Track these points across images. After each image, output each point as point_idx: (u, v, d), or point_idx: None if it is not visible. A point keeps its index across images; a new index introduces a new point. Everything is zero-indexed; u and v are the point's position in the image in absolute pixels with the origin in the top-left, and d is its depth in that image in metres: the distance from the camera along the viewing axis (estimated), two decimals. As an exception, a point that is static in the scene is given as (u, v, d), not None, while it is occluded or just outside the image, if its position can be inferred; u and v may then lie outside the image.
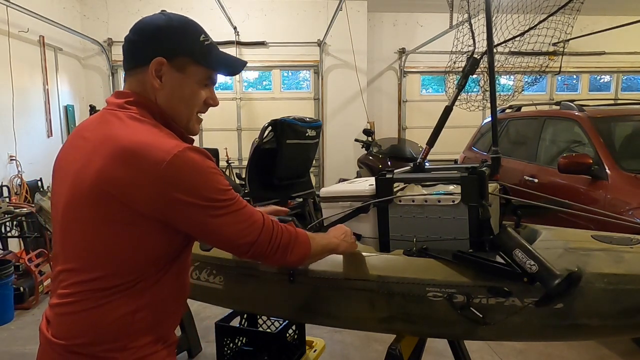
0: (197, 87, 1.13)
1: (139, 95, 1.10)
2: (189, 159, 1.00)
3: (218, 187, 1.04)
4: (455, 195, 1.53)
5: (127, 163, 0.98)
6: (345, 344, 3.25)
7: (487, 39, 1.86)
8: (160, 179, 0.97)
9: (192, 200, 1.01)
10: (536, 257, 1.29)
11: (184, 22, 1.12)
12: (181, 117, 1.13)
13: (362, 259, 1.56)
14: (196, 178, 1.01)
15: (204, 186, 1.02)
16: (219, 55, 1.16)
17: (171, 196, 0.99)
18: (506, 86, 7.48)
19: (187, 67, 1.10)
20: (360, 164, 6.70)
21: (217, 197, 1.04)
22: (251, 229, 1.10)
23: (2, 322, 3.70)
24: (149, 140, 1.00)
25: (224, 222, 1.06)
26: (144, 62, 1.08)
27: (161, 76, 1.09)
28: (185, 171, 1.00)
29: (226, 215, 1.06)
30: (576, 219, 2.69)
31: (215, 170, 1.06)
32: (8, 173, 5.17)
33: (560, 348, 3.12)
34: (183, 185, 0.99)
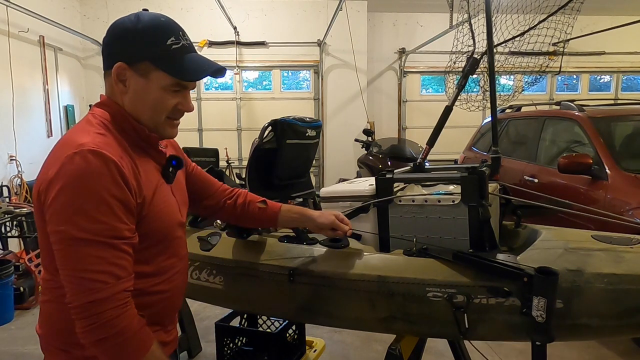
0: (162, 93, 1.09)
1: (107, 98, 1.12)
2: (81, 164, 0.95)
3: (88, 211, 0.94)
4: (455, 195, 1.53)
5: (48, 157, 1.03)
6: (345, 344, 3.25)
7: (487, 39, 1.86)
8: (51, 174, 0.97)
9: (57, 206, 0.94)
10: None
11: (153, 24, 1.08)
12: (147, 122, 1.11)
13: (362, 259, 1.56)
14: (73, 187, 0.94)
15: (75, 199, 0.94)
16: (185, 61, 1.09)
17: (50, 195, 0.96)
18: (506, 86, 7.51)
19: (149, 73, 1.07)
20: (360, 164, 6.70)
21: (79, 218, 0.93)
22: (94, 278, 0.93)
23: (2, 322, 3.70)
24: (69, 137, 1.03)
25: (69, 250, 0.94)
26: (110, 67, 1.08)
27: (125, 80, 1.08)
28: (68, 174, 0.95)
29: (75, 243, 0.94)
30: (576, 219, 2.69)
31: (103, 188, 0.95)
32: (8, 173, 5.17)
33: (560, 348, 3.12)
34: (60, 187, 0.94)
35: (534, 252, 1.44)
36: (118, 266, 0.97)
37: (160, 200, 1.11)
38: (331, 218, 1.49)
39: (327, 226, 1.48)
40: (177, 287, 1.20)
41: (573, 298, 1.29)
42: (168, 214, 1.15)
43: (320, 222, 1.48)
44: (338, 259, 1.58)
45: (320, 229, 1.50)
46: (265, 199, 1.53)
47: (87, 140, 0.99)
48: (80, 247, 0.94)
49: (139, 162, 1.08)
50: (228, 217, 1.54)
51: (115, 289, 0.95)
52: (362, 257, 1.56)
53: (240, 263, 1.71)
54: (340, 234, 1.51)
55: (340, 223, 1.49)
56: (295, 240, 1.72)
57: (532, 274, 1.27)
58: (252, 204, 1.50)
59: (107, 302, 0.94)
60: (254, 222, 1.56)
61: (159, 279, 1.13)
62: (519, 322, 1.33)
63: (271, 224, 1.55)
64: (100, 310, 0.94)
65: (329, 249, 1.62)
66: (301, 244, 1.69)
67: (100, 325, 0.94)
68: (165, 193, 1.15)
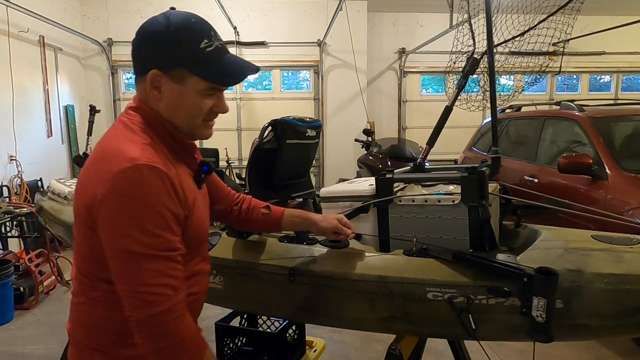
0: (198, 98, 1.07)
1: (141, 102, 1.10)
2: (136, 179, 0.95)
3: (146, 226, 0.95)
4: (455, 195, 1.53)
5: (92, 167, 1.02)
6: (345, 344, 3.25)
7: (487, 39, 1.85)
8: (101, 187, 0.96)
9: (113, 221, 0.96)
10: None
11: (184, 27, 1.05)
12: (183, 126, 1.10)
13: (362, 259, 1.56)
14: (129, 202, 0.95)
15: (133, 214, 0.95)
16: (219, 64, 1.07)
17: (102, 207, 0.96)
18: (506, 86, 7.51)
19: (185, 79, 1.05)
20: (360, 164, 6.70)
21: (138, 233, 0.95)
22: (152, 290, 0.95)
23: (2, 322, 3.70)
24: (117, 148, 1.00)
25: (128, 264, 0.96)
26: (144, 73, 1.06)
27: (160, 87, 1.06)
28: (123, 189, 0.95)
29: (134, 257, 0.95)
30: (576, 219, 2.69)
31: (160, 205, 0.97)
32: (8, 173, 5.17)
33: (560, 348, 3.12)
34: (114, 202, 0.95)
35: (534, 252, 1.44)
36: (174, 277, 0.99)
37: (197, 208, 1.13)
38: (334, 222, 1.48)
39: (329, 230, 1.48)
40: (204, 288, 1.24)
41: (573, 298, 1.29)
42: (203, 220, 1.18)
43: (322, 226, 1.48)
44: (338, 259, 1.58)
45: (323, 232, 1.50)
46: (269, 204, 1.53)
47: (138, 153, 0.98)
48: (139, 262, 0.95)
49: (178, 170, 1.09)
50: (233, 222, 1.54)
51: (174, 301, 0.98)
52: (362, 257, 1.56)
53: (240, 263, 1.71)
54: (343, 237, 1.51)
55: (342, 227, 1.49)
56: (295, 240, 1.72)
57: (532, 274, 1.27)
58: (256, 209, 1.50)
59: (167, 314, 0.97)
60: (257, 227, 1.56)
61: (191, 282, 1.15)
62: (519, 322, 1.33)
63: (275, 228, 1.55)
64: (162, 322, 0.96)
65: (329, 249, 1.62)
66: (301, 244, 1.69)
67: (162, 336, 0.97)
68: (199, 199, 1.16)
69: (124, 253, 0.95)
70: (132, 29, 1.14)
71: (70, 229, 2.52)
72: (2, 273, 3.69)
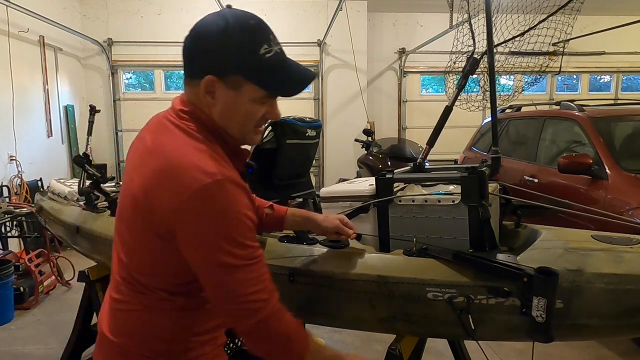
0: (253, 105, 1.04)
1: (193, 105, 1.06)
2: (220, 194, 0.95)
3: (236, 238, 0.96)
4: (455, 195, 1.53)
5: (164, 180, 0.97)
6: (345, 344, 3.25)
7: (487, 39, 1.85)
8: (183, 203, 0.94)
9: (203, 238, 0.96)
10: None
11: (243, 30, 0.99)
12: (235, 133, 1.07)
13: (362, 259, 1.56)
14: (217, 218, 0.95)
15: (221, 230, 0.95)
16: (278, 72, 1.03)
17: (186, 224, 0.95)
18: (506, 86, 7.51)
19: (240, 86, 1.01)
20: (360, 164, 6.70)
21: (229, 247, 0.96)
22: (250, 299, 0.98)
23: (2, 322, 3.70)
24: (189, 162, 0.97)
25: (223, 276, 0.97)
26: (198, 77, 1.02)
27: (214, 92, 1.02)
28: (209, 206, 0.94)
29: (229, 270, 0.96)
30: (576, 219, 2.70)
31: (244, 217, 0.98)
32: (8, 173, 5.17)
33: (560, 348, 3.12)
34: (201, 219, 0.95)
35: (534, 252, 1.43)
36: (267, 281, 1.02)
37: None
38: (336, 222, 1.48)
39: (331, 230, 1.48)
40: None
41: (573, 298, 1.29)
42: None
43: (324, 226, 1.47)
44: (338, 259, 1.58)
45: (325, 232, 1.50)
46: (272, 203, 1.53)
47: (215, 168, 0.97)
48: (234, 275, 0.96)
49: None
50: None
51: (273, 303, 1.01)
52: (362, 257, 1.56)
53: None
54: (345, 238, 1.51)
55: (344, 227, 1.48)
56: (295, 240, 1.72)
57: (532, 274, 1.27)
58: (260, 209, 1.49)
59: (271, 317, 1.00)
60: (261, 227, 1.55)
61: None
62: (519, 322, 1.33)
63: (278, 228, 1.54)
64: (268, 326, 0.99)
65: (329, 249, 1.62)
66: (301, 244, 1.69)
67: (270, 338, 1.01)
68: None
69: (217, 268, 0.96)
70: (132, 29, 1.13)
71: (69, 229, 2.52)
72: (2, 273, 3.69)
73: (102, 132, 7.39)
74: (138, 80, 8.10)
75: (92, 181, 2.55)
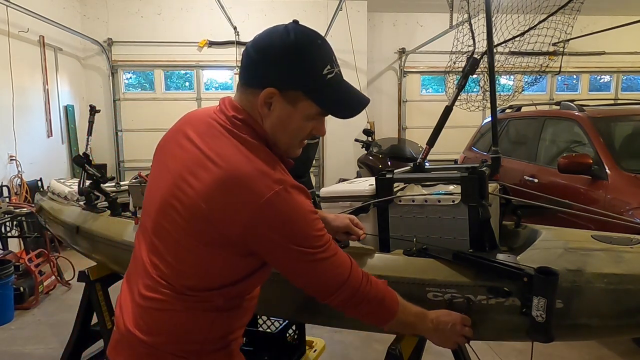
0: (304, 121, 1.07)
1: (248, 114, 1.07)
2: (290, 199, 1.00)
3: (312, 234, 1.04)
4: (455, 195, 1.53)
5: (229, 189, 0.98)
6: (345, 344, 3.25)
7: (487, 39, 1.85)
8: (256, 212, 0.97)
9: (283, 241, 1.01)
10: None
11: (309, 49, 1.02)
12: (282, 144, 1.10)
13: (362, 259, 1.56)
14: (292, 221, 1.01)
15: (298, 231, 1.02)
16: (337, 94, 1.07)
17: (263, 232, 1.00)
18: (506, 86, 7.52)
19: (298, 102, 1.04)
20: (360, 164, 6.70)
21: (309, 243, 1.04)
22: (337, 279, 1.10)
23: (2, 322, 3.70)
24: (254, 171, 0.99)
25: (309, 268, 1.07)
26: (257, 86, 1.04)
27: (271, 104, 1.04)
28: (283, 211, 0.99)
29: (314, 262, 1.06)
30: (576, 219, 2.69)
31: (313, 213, 1.05)
32: (8, 173, 5.17)
33: (560, 348, 3.12)
34: (277, 225, 0.99)
35: (534, 252, 1.43)
36: (346, 256, 1.13)
37: None
38: (346, 221, 1.48)
39: (341, 229, 1.48)
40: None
41: (573, 298, 1.29)
42: None
43: (335, 225, 1.47)
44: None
45: (335, 232, 1.48)
46: None
47: (279, 174, 1.02)
48: (323, 265, 1.07)
49: None
50: None
51: (357, 272, 1.13)
52: (362, 257, 1.56)
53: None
54: (354, 238, 1.50)
55: (354, 227, 1.49)
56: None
57: (532, 274, 1.27)
58: None
59: (363, 286, 1.13)
60: None
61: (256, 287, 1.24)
62: (519, 322, 1.33)
63: None
64: (363, 292, 1.13)
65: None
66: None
67: (369, 301, 1.15)
68: None
69: (307, 266, 1.06)
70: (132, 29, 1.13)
71: (69, 229, 2.52)
72: (2, 273, 3.69)
73: (102, 132, 7.39)
74: (138, 80, 8.10)
75: (92, 181, 2.55)
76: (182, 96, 7.82)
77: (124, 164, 7.73)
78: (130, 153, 7.71)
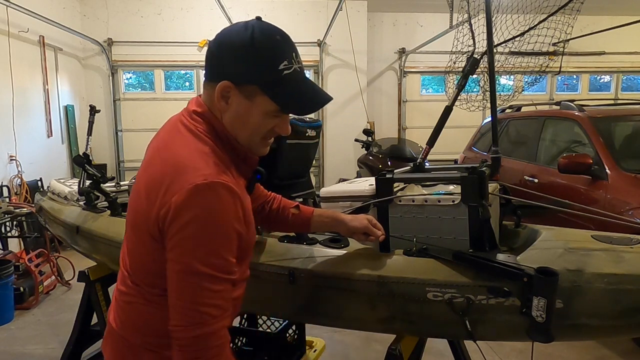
0: (263, 117, 1.05)
1: (207, 108, 1.08)
2: (211, 195, 0.95)
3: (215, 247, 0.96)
4: (455, 195, 1.53)
5: (165, 179, 0.98)
6: (345, 344, 3.25)
7: (487, 39, 1.85)
8: (174, 201, 0.95)
9: (183, 236, 0.95)
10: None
11: (268, 44, 1.01)
12: (243, 141, 1.09)
13: (362, 259, 1.56)
14: (202, 219, 0.94)
15: (204, 233, 0.94)
16: (294, 90, 1.04)
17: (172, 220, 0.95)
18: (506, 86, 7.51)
19: (255, 96, 1.03)
20: (360, 164, 6.70)
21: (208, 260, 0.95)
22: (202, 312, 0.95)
23: (2, 322, 3.71)
24: (189, 162, 0.98)
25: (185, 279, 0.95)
26: (215, 80, 1.04)
27: (228, 98, 1.04)
28: (197, 205, 0.94)
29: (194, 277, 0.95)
30: (576, 219, 2.69)
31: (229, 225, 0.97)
32: (8, 173, 5.17)
33: (560, 348, 3.12)
34: (186, 216, 0.94)
35: (534, 252, 1.43)
36: (226, 300, 1.00)
37: (251, 220, 1.12)
38: (364, 222, 1.44)
39: (360, 230, 1.44)
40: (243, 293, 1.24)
41: (573, 298, 1.29)
42: (254, 229, 1.17)
43: (352, 226, 1.44)
44: (338, 259, 1.58)
45: (353, 232, 1.46)
46: (299, 203, 1.51)
47: (213, 169, 0.98)
48: (200, 281, 0.95)
49: (239, 182, 1.09)
50: (262, 221, 1.51)
51: (220, 324, 0.98)
52: (362, 257, 1.56)
53: (240, 263, 1.71)
54: (373, 239, 1.47)
55: (373, 228, 1.45)
56: (295, 240, 1.72)
57: (532, 274, 1.27)
58: (286, 209, 1.47)
59: (212, 337, 0.96)
60: (287, 227, 1.53)
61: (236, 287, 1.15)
62: (518, 322, 1.33)
63: (304, 229, 1.52)
64: (204, 346, 0.96)
65: (329, 249, 1.62)
66: (301, 244, 1.69)
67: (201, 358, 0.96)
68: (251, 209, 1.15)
69: (188, 271, 0.95)
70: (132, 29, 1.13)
71: (69, 229, 2.52)
72: (2, 273, 3.69)
73: (102, 132, 7.40)
74: (138, 80, 8.10)
75: (92, 181, 2.55)
76: (182, 96, 7.82)
77: (124, 164, 7.73)
78: (130, 153, 7.71)
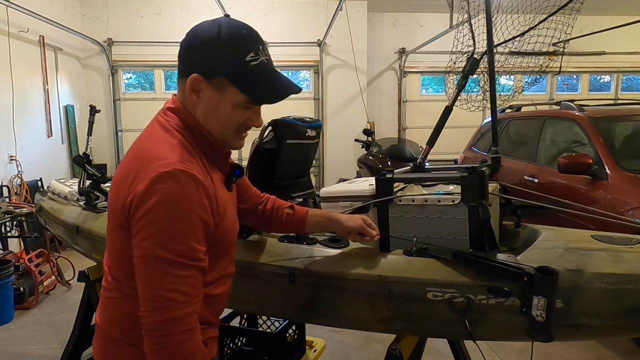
0: (234, 109, 1.08)
1: (181, 105, 1.12)
2: (174, 183, 0.96)
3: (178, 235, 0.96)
4: (455, 195, 1.53)
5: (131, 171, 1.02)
6: (345, 344, 3.25)
7: (487, 39, 1.85)
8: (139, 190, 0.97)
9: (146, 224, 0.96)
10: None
11: (234, 37, 1.05)
12: (216, 134, 1.11)
13: (362, 259, 1.56)
14: (165, 206, 0.95)
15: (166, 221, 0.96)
16: (261, 80, 1.07)
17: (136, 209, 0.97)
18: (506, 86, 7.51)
19: (224, 88, 1.06)
20: (360, 164, 6.70)
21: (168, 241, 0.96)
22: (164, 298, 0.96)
23: (2, 322, 3.70)
24: (156, 153, 1.02)
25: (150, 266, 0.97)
26: (185, 75, 1.07)
27: (199, 91, 1.07)
28: (160, 192, 0.95)
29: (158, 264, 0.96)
30: (576, 219, 2.69)
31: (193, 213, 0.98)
32: (8, 173, 5.17)
33: (560, 348, 3.12)
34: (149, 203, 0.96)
35: (534, 252, 1.44)
36: (193, 287, 1.00)
37: (228, 214, 1.13)
38: (359, 222, 1.46)
39: (355, 230, 1.45)
40: (228, 290, 1.25)
41: (573, 298, 1.29)
42: (233, 225, 1.19)
43: (348, 226, 1.45)
44: (338, 259, 1.58)
45: (348, 232, 1.47)
46: (293, 204, 1.52)
47: (176, 158, 1.00)
48: (163, 267, 0.96)
49: (212, 176, 1.10)
50: (256, 222, 1.52)
51: (187, 310, 0.98)
52: (362, 257, 1.56)
53: (240, 263, 1.71)
54: (368, 239, 1.48)
55: (367, 228, 1.46)
56: (295, 240, 1.72)
57: (532, 273, 1.27)
58: (280, 209, 1.49)
59: (178, 322, 0.97)
60: (282, 228, 1.54)
61: (217, 284, 1.17)
62: (519, 321, 1.33)
63: (299, 229, 1.53)
64: (171, 331, 0.97)
65: (329, 249, 1.62)
66: (301, 244, 1.69)
67: (168, 347, 0.97)
68: (229, 204, 1.17)
69: (151, 256, 0.97)
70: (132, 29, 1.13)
71: (69, 229, 2.52)
72: (2, 273, 3.69)
73: (102, 132, 7.39)
74: (138, 80, 8.10)
75: (92, 181, 2.55)
76: (182, 96, 7.81)
77: (124, 164, 7.72)
78: (130, 153, 7.71)
